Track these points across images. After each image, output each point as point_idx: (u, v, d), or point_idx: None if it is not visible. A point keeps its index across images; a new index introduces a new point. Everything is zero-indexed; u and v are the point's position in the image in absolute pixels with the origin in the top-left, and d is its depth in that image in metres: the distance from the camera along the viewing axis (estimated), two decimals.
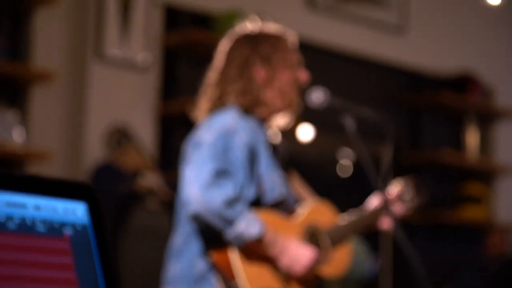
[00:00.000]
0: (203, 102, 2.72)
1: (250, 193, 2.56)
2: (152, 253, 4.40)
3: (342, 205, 3.14)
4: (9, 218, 0.74)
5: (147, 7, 4.74)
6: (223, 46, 2.76)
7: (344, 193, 6.73)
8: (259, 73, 2.69)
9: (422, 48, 6.16)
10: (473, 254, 6.23)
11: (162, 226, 4.43)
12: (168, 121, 4.87)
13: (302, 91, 2.78)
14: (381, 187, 2.65)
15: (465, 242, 6.24)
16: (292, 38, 2.78)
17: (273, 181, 2.64)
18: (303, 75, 2.76)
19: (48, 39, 4.55)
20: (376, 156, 5.89)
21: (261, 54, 2.69)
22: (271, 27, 2.77)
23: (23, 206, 0.76)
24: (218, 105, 2.69)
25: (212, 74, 2.73)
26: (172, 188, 4.54)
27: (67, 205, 0.78)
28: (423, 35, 6.16)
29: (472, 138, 6.25)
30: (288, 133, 5.28)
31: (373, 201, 2.89)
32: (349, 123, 2.70)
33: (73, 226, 0.78)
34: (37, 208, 0.77)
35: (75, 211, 0.79)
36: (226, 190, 2.46)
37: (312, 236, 2.71)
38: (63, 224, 0.78)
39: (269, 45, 2.71)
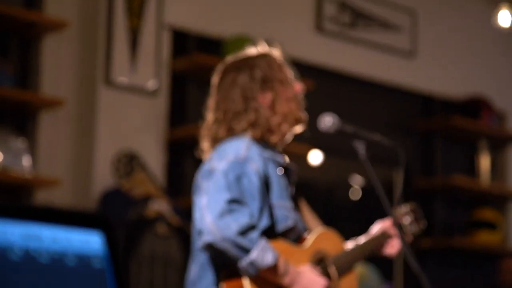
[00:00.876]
0: (209, 142, 2.68)
1: (263, 222, 2.55)
2: (161, 279, 4.36)
3: (352, 228, 3.12)
4: (26, 251, 0.75)
5: (156, 32, 4.73)
6: (216, 83, 2.71)
7: (355, 216, 6.68)
8: (263, 100, 2.66)
9: (433, 72, 6.14)
10: (486, 280, 6.16)
11: (172, 251, 4.41)
12: (177, 147, 4.85)
13: (303, 103, 2.74)
14: (388, 211, 2.63)
15: (478, 267, 6.18)
16: (278, 54, 2.75)
17: (285, 209, 2.64)
18: (299, 87, 2.74)
19: (57, 67, 4.54)
20: (388, 181, 5.88)
21: (258, 80, 2.66)
22: (254, 51, 2.74)
23: (39, 238, 0.76)
24: (226, 136, 2.65)
25: (212, 114, 2.67)
26: (180, 214, 4.51)
27: (83, 235, 0.79)
28: (433, 59, 6.14)
29: (484, 163, 6.20)
30: (300, 158, 5.25)
31: (379, 226, 2.88)
32: (360, 148, 2.68)
33: (89, 256, 0.79)
34: (54, 240, 0.77)
35: (90, 242, 0.79)
36: (240, 219, 2.45)
37: (320, 264, 2.70)
38: (79, 255, 0.78)
39: (262, 69, 2.67)
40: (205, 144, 2.69)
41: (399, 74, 5.96)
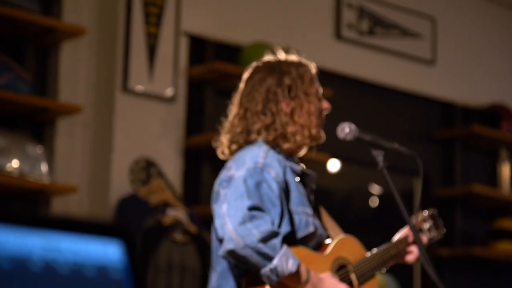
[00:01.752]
0: (227, 138, 2.69)
1: (284, 228, 2.54)
2: (178, 286, 4.35)
3: (370, 236, 3.12)
4: (46, 262, 0.74)
5: (174, 39, 4.72)
6: (245, 79, 2.73)
7: (374, 225, 6.64)
8: (284, 106, 2.65)
9: (453, 80, 6.10)
10: None
11: (189, 258, 4.40)
12: (194, 154, 4.83)
13: (325, 121, 2.74)
14: (407, 220, 2.61)
15: (498, 277, 6.12)
16: (313, 68, 2.74)
17: (306, 215, 2.63)
18: (325, 105, 2.72)
19: (74, 74, 4.55)
20: (408, 190, 5.84)
21: (285, 86, 2.66)
22: (293, 58, 2.74)
23: (58, 249, 0.75)
24: (242, 141, 2.66)
25: (235, 109, 2.70)
26: (197, 222, 4.49)
27: (102, 245, 0.77)
28: (453, 66, 6.10)
29: (505, 172, 6.14)
30: (319, 166, 5.22)
31: (400, 233, 2.89)
32: (378, 157, 2.66)
33: (108, 267, 0.77)
34: (73, 250, 0.75)
35: (109, 252, 0.77)
36: (262, 226, 2.44)
37: (340, 270, 2.69)
38: (98, 266, 0.76)
39: (292, 77, 2.67)
40: (223, 139, 2.70)
41: (419, 82, 5.92)
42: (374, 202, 6.84)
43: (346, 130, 2.68)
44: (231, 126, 2.68)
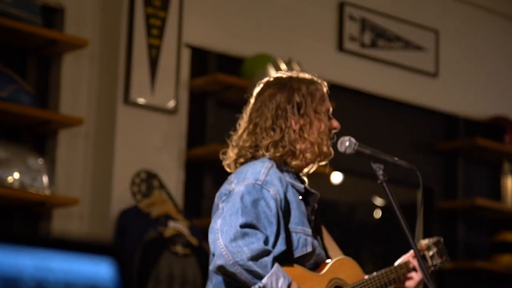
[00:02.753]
0: (234, 152, 2.68)
1: (278, 247, 2.53)
2: None
3: (374, 246, 3.10)
4: (38, 282, 0.73)
5: (176, 51, 4.72)
6: (256, 94, 2.72)
7: (378, 235, 6.62)
8: (293, 123, 2.65)
9: (456, 93, 6.09)
10: None
11: (190, 270, 4.38)
12: (195, 166, 4.82)
13: (334, 139, 2.73)
14: (412, 238, 2.58)
15: None
16: (324, 86, 2.74)
17: (305, 235, 2.62)
18: (335, 124, 2.72)
19: (76, 86, 4.54)
20: (412, 203, 5.82)
21: (294, 103, 2.66)
22: (305, 76, 2.73)
23: (50, 268, 0.74)
24: (249, 155, 2.66)
25: (244, 123, 2.69)
26: (198, 234, 4.48)
27: (93, 264, 0.76)
28: (456, 79, 6.09)
29: (508, 185, 6.12)
30: (322, 178, 5.21)
31: (401, 258, 2.85)
32: (378, 170, 2.65)
33: (99, 286, 0.76)
34: (64, 270, 0.75)
35: (100, 271, 0.76)
36: (253, 244, 2.44)
37: None
38: (89, 285, 0.76)
39: (302, 95, 2.67)
40: (230, 152, 2.69)
41: (422, 94, 5.91)
42: (377, 214, 6.83)
43: (346, 143, 2.68)
44: (239, 140, 2.68)
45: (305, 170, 2.73)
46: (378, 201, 6.76)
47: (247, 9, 5.18)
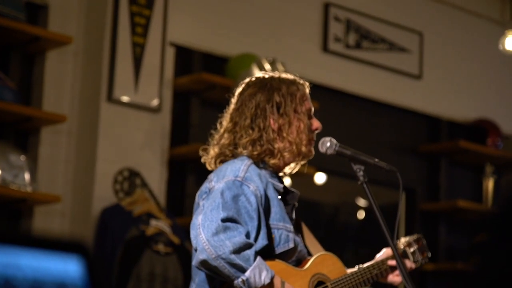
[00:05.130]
0: (215, 150, 2.72)
1: (260, 242, 2.55)
2: None
3: (358, 247, 3.11)
4: (6, 279, 0.73)
5: (160, 50, 4.71)
6: (237, 93, 2.75)
7: (362, 236, 6.64)
8: (271, 122, 2.67)
9: (440, 95, 6.11)
10: None
11: (171, 269, 4.38)
12: (178, 165, 4.82)
13: (315, 139, 2.74)
14: (391, 239, 2.60)
15: None
16: (306, 86, 2.75)
17: (286, 231, 2.63)
18: (316, 125, 2.73)
19: (59, 83, 4.53)
20: (395, 203, 5.84)
21: (274, 103, 2.68)
22: (287, 76, 2.75)
23: (18, 266, 0.74)
24: (228, 153, 2.68)
25: (225, 122, 2.73)
26: (180, 232, 4.48)
27: (62, 262, 0.76)
28: (440, 81, 6.12)
29: (490, 187, 6.15)
30: (305, 178, 5.22)
31: (382, 253, 2.87)
32: (358, 171, 2.66)
33: (67, 284, 0.76)
34: (32, 267, 0.75)
35: (69, 269, 0.76)
36: (235, 237, 2.46)
37: (318, 286, 2.69)
38: (58, 283, 0.76)
39: (282, 94, 2.69)
40: (211, 151, 2.72)
41: (405, 96, 5.93)
42: (360, 215, 6.84)
43: (327, 144, 2.69)
44: (220, 138, 2.71)
45: (287, 170, 2.75)
46: (362, 202, 6.78)
47: (232, 9, 5.18)
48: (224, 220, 2.47)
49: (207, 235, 2.44)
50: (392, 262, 2.81)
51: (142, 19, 4.66)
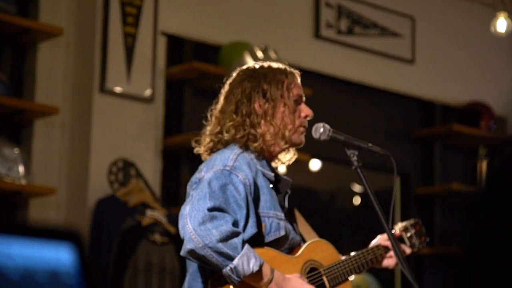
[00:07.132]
0: (206, 140, 2.74)
1: (249, 230, 2.55)
2: (157, 287, 4.34)
3: (354, 233, 3.12)
4: None
5: (152, 39, 4.70)
6: (228, 82, 2.78)
7: (357, 222, 6.65)
8: (257, 107, 2.69)
9: (432, 79, 6.11)
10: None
11: (167, 259, 4.39)
12: (172, 154, 4.82)
13: (306, 126, 2.74)
14: (386, 224, 2.61)
15: None
16: (296, 74, 2.75)
17: (277, 219, 2.63)
18: (307, 111, 2.72)
19: (52, 75, 4.52)
20: (390, 188, 5.84)
21: (260, 89, 2.70)
22: (277, 65, 2.75)
23: (8, 254, 0.74)
24: (216, 140, 2.70)
25: (214, 110, 2.75)
26: (175, 222, 4.48)
27: (53, 250, 0.76)
28: (432, 65, 6.12)
29: (483, 169, 6.17)
30: (300, 165, 5.22)
31: (377, 240, 2.88)
32: (352, 156, 2.67)
33: (60, 272, 0.76)
34: (24, 256, 0.74)
35: (61, 257, 0.76)
36: (221, 226, 2.47)
37: (311, 272, 2.69)
38: (50, 271, 0.75)
39: (269, 81, 2.71)
40: (203, 141, 2.74)
41: (398, 81, 5.93)
42: (356, 200, 6.86)
43: (320, 130, 2.69)
44: (209, 127, 2.74)
45: (282, 159, 2.74)
46: (357, 188, 6.79)
47: None
48: (210, 210, 2.47)
49: (194, 224, 2.45)
50: (387, 243, 2.82)
51: (133, 9, 4.65)
